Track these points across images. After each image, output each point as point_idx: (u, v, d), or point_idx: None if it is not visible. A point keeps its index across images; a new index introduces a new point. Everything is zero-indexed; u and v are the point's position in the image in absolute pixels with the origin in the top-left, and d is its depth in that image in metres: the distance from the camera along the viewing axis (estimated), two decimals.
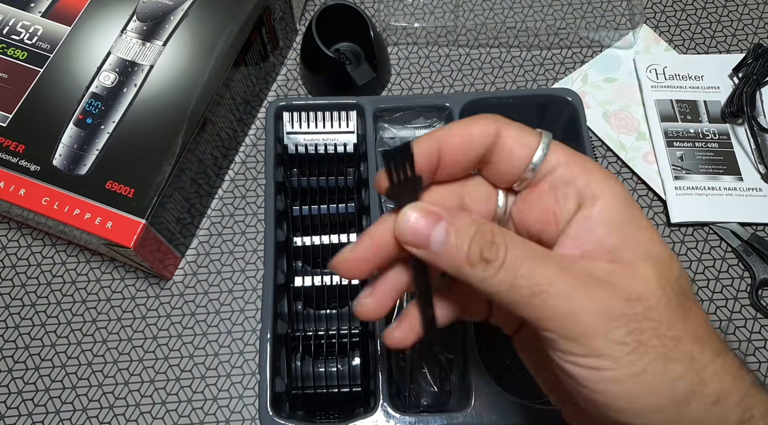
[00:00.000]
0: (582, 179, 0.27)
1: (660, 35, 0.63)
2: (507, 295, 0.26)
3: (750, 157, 0.57)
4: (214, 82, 0.49)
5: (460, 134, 0.28)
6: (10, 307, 0.52)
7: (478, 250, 0.26)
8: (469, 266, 0.26)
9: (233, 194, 0.56)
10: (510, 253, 0.26)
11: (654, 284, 0.26)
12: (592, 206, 0.27)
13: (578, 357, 0.25)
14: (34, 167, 0.46)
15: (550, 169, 0.28)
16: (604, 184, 0.27)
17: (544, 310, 0.25)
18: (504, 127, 0.28)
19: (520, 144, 0.28)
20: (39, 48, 0.50)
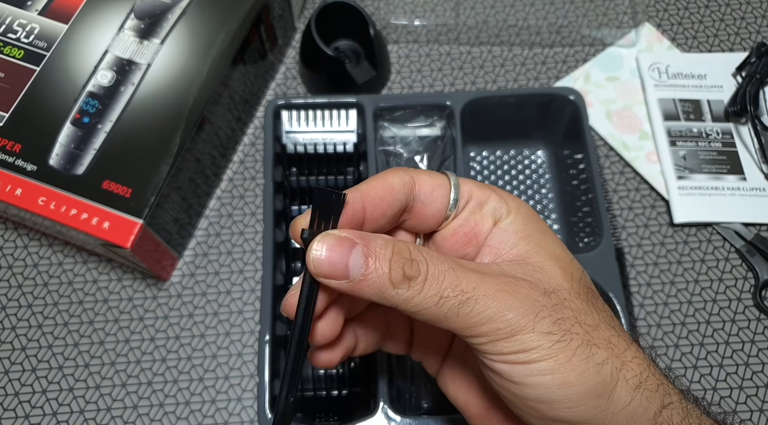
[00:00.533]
0: (494, 198, 0.30)
1: (663, 34, 0.62)
2: (435, 310, 0.26)
3: (753, 156, 0.56)
4: (213, 80, 0.49)
5: (381, 186, 0.29)
6: (6, 308, 0.51)
7: (400, 269, 0.26)
8: (393, 288, 0.26)
9: (232, 193, 0.56)
10: (431, 267, 0.26)
11: (562, 279, 0.28)
12: (505, 219, 0.30)
13: (509, 356, 0.26)
14: (31, 167, 0.46)
15: (467, 198, 0.30)
16: (513, 201, 0.30)
17: (473, 317, 0.26)
18: (416, 174, 0.30)
19: (437, 185, 0.30)
20: (36, 47, 0.49)
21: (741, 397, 0.49)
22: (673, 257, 0.54)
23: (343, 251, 0.26)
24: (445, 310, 0.26)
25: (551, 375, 0.26)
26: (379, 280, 0.26)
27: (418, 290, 0.26)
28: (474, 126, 0.52)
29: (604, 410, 0.26)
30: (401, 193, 0.29)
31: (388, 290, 0.26)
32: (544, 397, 0.26)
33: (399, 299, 0.26)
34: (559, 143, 0.55)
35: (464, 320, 0.26)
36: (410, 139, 0.53)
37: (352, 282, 0.26)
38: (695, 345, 0.51)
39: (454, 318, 0.26)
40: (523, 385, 0.26)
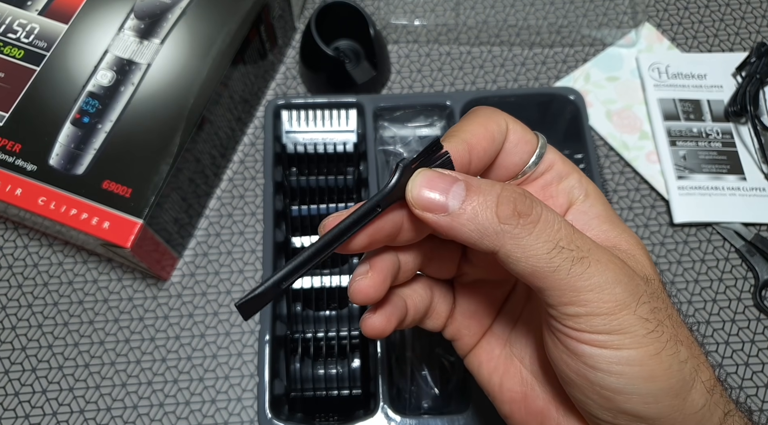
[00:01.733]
0: (575, 177, 0.29)
1: (663, 34, 0.62)
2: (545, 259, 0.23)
3: (753, 156, 0.56)
4: (213, 80, 0.49)
5: (484, 136, 0.27)
6: (6, 308, 0.51)
7: (511, 203, 0.23)
8: (500, 222, 0.23)
9: (231, 193, 0.56)
10: (545, 211, 0.24)
11: (652, 270, 0.27)
12: (585, 201, 0.28)
13: (600, 336, 0.24)
14: (31, 167, 0.46)
15: (547, 166, 0.29)
16: (592, 186, 0.29)
17: (584, 279, 0.23)
18: (510, 120, 0.28)
19: (524, 141, 0.28)
20: (36, 47, 0.49)
21: (741, 397, 0.49)
22: (673, 257, 0.54)
23: (444, 183, 0.24)
24: (557, 263, 0.23)
25: (639, 366, 0.24)
26: (484, 213, 0.23)
27: (529, 230, 0.23)
28: None
29: (677, 410, 0.24)
30: (499, 143, 0.27)
31: (492, 225, 0.23)
32: (624, 389, 0.24)
33: (505, 238, 0.23)
34: (559, 142, 0.55)
35: (573, 280, 0.23)
36: (410, 139, 0.53)
37: (451, 215, 0.23)
38: None
39: (563, 276, 0.23)
40: (605, 372, 0.24)
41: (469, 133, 0.27)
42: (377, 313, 0.29)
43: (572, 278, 0.23)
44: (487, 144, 0.27)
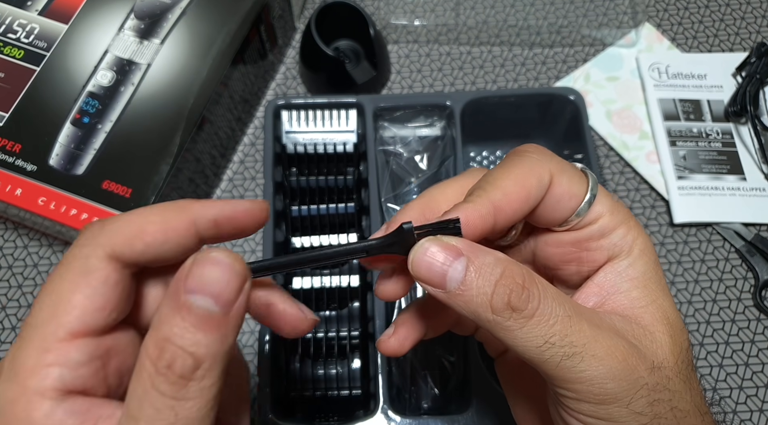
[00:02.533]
0: (619, 233, 0.27)
1: (663, 34, 0.62)
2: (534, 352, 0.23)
3: (753, 156, 0.56)
4: (213, 80, 0.49)
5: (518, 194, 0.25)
6: (6, 308, 0.51)
7: (506, 295, 0.23)
8: (492, 312, 0.23)
9: (232, 194, 0.56)
10: (543, 304, 0.23)
11: (669, 352, 0.25)
12: (623, 260, 0.26)
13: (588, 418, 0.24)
14: (31, 167, 0.46)
15: (592, 219, 0.27)
16: (637, 238, 0.27)
17: (573, 373, 0.23)
18: (557, 174, 0.26)
19: (569, 195, 0.26)
20: (36, 47, 0.49)
21: (741, 397, 0.49)
22: (673, 257, 0.54)
23: (445, 259, 0.23)
24: (546, 357, 0.23)
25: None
26: (477, 300, 0.23)
27: (520, 325, 0.23)
28: (474, 126, 0.52)
29: None
30: (536, 200, 0.26)
31: (484, 314, 0.23)
32: None
33: (496, 327, 0.23)
34: (559, 142, 0.55)
35: (562, 372, 0.23)
36: (410, 139, 0.53)
37: (448, 294, 0.23)
38: (695, 345, 0.51)
39: (552, 367, 0.23)
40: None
41: (501, 191, 0.25)
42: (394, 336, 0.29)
43: (562, 371, 0.23)
44: (519, 205, 0.25)
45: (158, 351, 0.20)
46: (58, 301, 0.22)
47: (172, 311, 0.20)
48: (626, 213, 0.27)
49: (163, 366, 0.20)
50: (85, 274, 0.22)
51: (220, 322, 0.21)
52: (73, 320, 0.21)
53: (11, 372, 0.21)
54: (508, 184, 0.25)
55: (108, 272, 0.22)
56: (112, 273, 0.22)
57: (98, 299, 0.22)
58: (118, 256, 0.22)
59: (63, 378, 0.21)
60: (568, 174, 0.26)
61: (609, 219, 0.27)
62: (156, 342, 0.20)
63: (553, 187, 0.26)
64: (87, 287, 0.22)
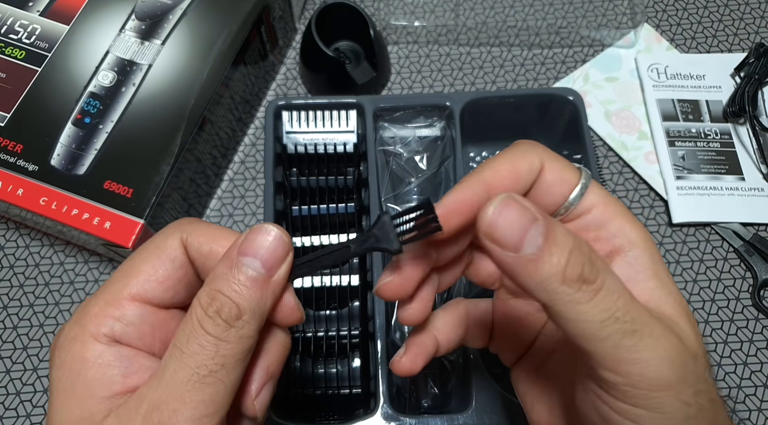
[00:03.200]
0: (615, 224, 0.26)
1: (661, 34, 0.62)
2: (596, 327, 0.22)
3: (752, 157, 0.56)
4: (213, 81, 0.49)
5: (508, 176, 0.25)
6: (8, 308, 0.52)
7: (579, 265, 0.22)
8: (562, 283, 0.22)
9: (232, 194, 0.56)
10: (609, 278, 0.22)
11: (695, 342, 0.25)
12: (629, 251, 0.26)
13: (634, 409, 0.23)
14: (32, 167, 0.46)
15: (586, 209, 0.27)
16: (637, 230, 0.26)
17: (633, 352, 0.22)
18: (548, 161, 0.26)
19: (561, 181, 0.26)
20: (37, 47, 0.50)
21: (740, 396, 0.49)
22: (672, 256, 0.54)
23: (524, 222, 0.22)
24: (608, 332, 0.22)
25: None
26: (552, 269, 0.21)
27: (588, 298, 0.22)
28: (473, 126, 0.53)
29: None
30: (528, 183, 0.26)
31: (553, 284, 0.22)
32: None
33: (561, 298, 0.22)
34: (558, 143, 0.55)
35: (621, 351, 0.22)
36: (410, 139, 0.53)
37: (519, 258, 0.22)
38: None
39: (611, 346, 0.22)
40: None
41: (492, 171, 0.25)
42: (405, 355, 0.30)
43: (620, 350, 0.22)
44: (510, 184, 0.25)
45: (209, 299, 0.24)
46: (131, 266, 0.26)
47: (226, 268, 0.24)
48: (621, 206, 0.27)
49: (213, 311, 0.24)
50: (160, 250, 0.26)
51: (263, 283, 0.24)
52: (136, 284, 0.26)
53: (79, 315, 0.25)
54: (501, 165, 0.26)
55: (178, 253, 0.26)
56: (180, 256, 0.26)
57: (162, 273, 0.26)
58: (188, 246, 0.26)
59: (115, 328, 0.25)
60: (559, 162, 0.27)
61: (603, 210, 0.27)
62: (208, 292, 0.24)
63: (544, 172, 0.26)
64: (156, 259, 0.26)
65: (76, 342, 0.25)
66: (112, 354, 0.25)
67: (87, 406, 0.24)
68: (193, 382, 0.23)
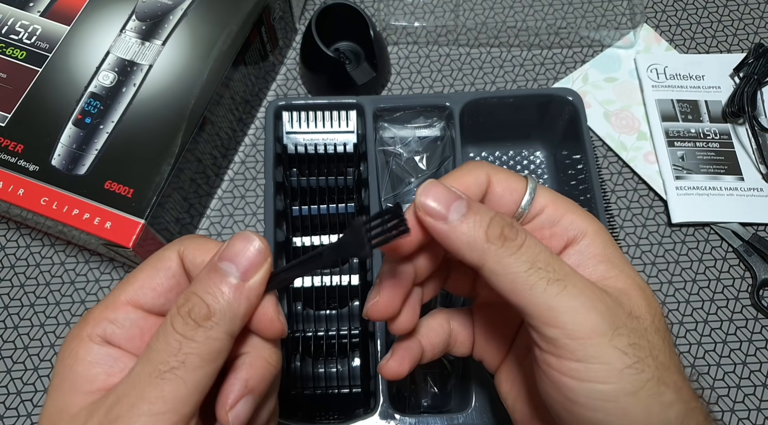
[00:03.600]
0: (567, 218, 0.29)
1: (661, 35, 0.62)
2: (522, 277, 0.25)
3: (751, 157, 0.56)
4: (214, 81, 0.49)
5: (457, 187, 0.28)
6: (9, 307, 0.52)
7: (499, 227, 0.26)
8: (487, 241, 0.25)
9: (232, 194, 0.56)
10: (529, 238, 0.26)
11: (645, 310, 0.27)
12: (581, 240, 0.28)
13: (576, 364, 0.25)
14: (33, 167, 0.46)
15: (538, 210, 0.29)
16: (588, 221, 0.29)
17: (558, 300, 0.25)
18: (493, 174, 0.29)
19: (509, 190, 0.29)
20: (38, 48, 0.50)
21: (739, 396, 0.49)
22: (671, 256, 0.54)
23: (449, 196, 0.26)
24: (534, 280, 0.25)
25: (614, 403, 0.24)
26: (476, 230, 0.25)
27: (511, 252, 0.25)
28: (473, 127, 0.53)
29: None
30: (476, 194, 0.29)
31: (480, 242, 0.25)
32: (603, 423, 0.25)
33: (489, 255, 0.25)
34: (557, 143, 0.55)
35: (548, 299, 0.25)
36: (410, 139, 0.54)
37: (449, 225, 0.25)
38: (693, 344, 0.51)
39: (538, 293, 0.25)
40: (584, 407, 0.25)
41: None
42: (392, 358, 0.31)
43: (548, 297, 0.25)
44: None
45: (184, 300, 0.25)
46: (132, 275, 0.28)
47: (205, 273, 0.26)
48: (570, 202, 0.30)
49: (185, 311, 0.25)
50: (158, 261, 0.28)
51: (237, 288, 0.25)
52: (131, 290, 0.27)
53: (84, 317, 0.27)
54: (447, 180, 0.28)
55: (173, 264, 0.28)
56: (174, 266, 0.28)
57: (156, 281, 0.28)
58: (184, 258, 0.28)
59: (107, 330, 0.27)
60: (504, 174, 0.29)
61: (554, 209, 0.29)
62: (186, 294, 0.26)
63: (492, 185, 0.29)
64: (153, 269, 0.28)
65: (74, 340, 0.27)
66: (101, 353, 0.26)
67: (69, 399, 0.26)
68: (152, 377, 0.24)
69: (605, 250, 0.28)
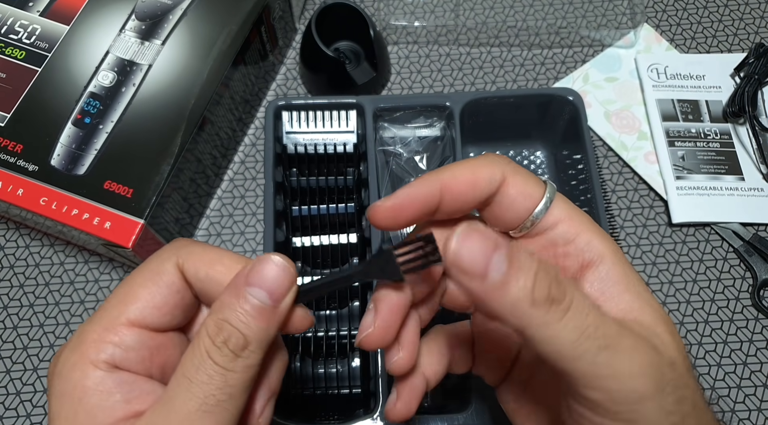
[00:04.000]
0: (583, 238, 0.27)
1: (661, 34, 0.62)
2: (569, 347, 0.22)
3: (752, 157, 0.56)
4: (213, 81, 0.49)
5: (465, 180, 0.26)
6: (8, 308, 0.52)
7: (546, 287, 0.22)
8: (532, 306, 0.22)
9: (232, 194, 0.56)
10: (577, 297, 0.23)
11: (675, 350, 0.25)
12: (599, 265, 0.26)
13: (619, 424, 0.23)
14: (32, 167, 0.46)
15: (552, 224, 0.27)
16: (605, 243, 0.27)
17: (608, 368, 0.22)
18: (511, 174, 0.27)
19: (524, 195, 0.27)
20: (37, 47, 0.50)
21: (739, 396, 0.49)
22: (672, 257, 0.54)
23: (486, 248, 0.22)
24: (582, 351, 0.22)
25: None
26: (520, 292, 0.22)
27: (558, 317, 0.22)
28: (473, 126, 0.53)
29: None
30: (485, 191, 0.26)
31: (523, 308, 0.22)
32: None
33: (533, 322, 0.22)
34: (557, 143, 0.55)
35: (597, 368, 0.22)
36: (410, 139, 0.53)
37: (487, 285, 0.22)
38: (693, 344, 0.51)
39: (587, 363, 0.22)
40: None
41: (450, 174, 0.26)
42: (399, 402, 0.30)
43: (596, 367, 0.22)
44: (465, 189, 0.26)
45: (217, 329, 0.24)
46: (128, 291, 0.26)
47: (233, 298, 0.25)
48: (587, 219, 0.27)
49: (220, 341, 0.24)
50: (156, 275, 0.26)
51: (269, 314, 0.25)
52: (134, 310, 0.26)
53: (77, 342, 0.25)
54: (461, 170, 0.26)
55: (175, 279, 0.26)
56: (177, 281, 0.26)
57: (159, 299, 0.26)
58: (185, 271, 0.26)
59: (114, 355, 0.25)
60: (523, 176, 0.27)
61: (569, 225, 0.27)
62: (216, 321, 0.24)
63: (507, 186, 0.27)
64: (153, 285, 0.26)
65: (75, 369, 0.25)
66: (113, 380, 0.25)
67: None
68: (201, 412, 0.24)
69: (626, 277, 0.26)
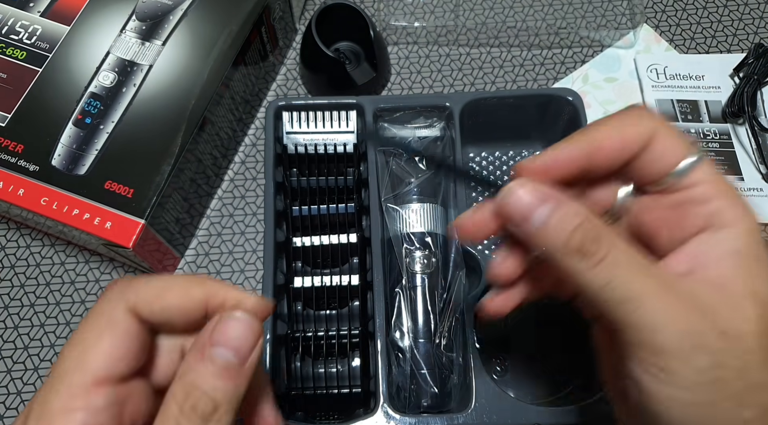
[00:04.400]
0: (718, 203, 0.26)
1: (661, 35, 0.63)
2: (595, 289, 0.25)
3: (751, 157, 0.56)
4: (214, 81, 0.49)
5: (615, 139, 0.27)
6: (9, 307, 0.52)
7: (579, 240, 0.25)
8: (564, 253, 0.25)
9: (233, 194, 0.56)
10: (612, 255, 0.25)
11: (755, 326, 0.25)
12: (720, 230, 0.26)
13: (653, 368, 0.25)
14: (33, 167, 0.46)
15: (692, 183, 0.27)
16: (741, 214, 0.26)
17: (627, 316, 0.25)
18: (662, 131, 0.27)
19: (672, 151, 0.27)
20: (38, 48, 0.50)
21: None
22: None
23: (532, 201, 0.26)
24: (606, 297, 0.25)
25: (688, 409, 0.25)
26: (555, 240, 0.26)
27: (588, 267, 0.25)
28: (473, 127, 0.53)
29: None
30: (633, 152, 0.27)
31: (557, 253, 0.26)
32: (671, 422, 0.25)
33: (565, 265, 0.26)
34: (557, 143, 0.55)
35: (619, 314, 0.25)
36: (410, 139, 0.54)
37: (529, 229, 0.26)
38: None
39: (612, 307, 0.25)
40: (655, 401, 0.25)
41: (600, 135, 0.27)
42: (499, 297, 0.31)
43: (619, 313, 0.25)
44: (615, 151, 0.27)
45: (184, 395, 0.24)
46: (85, 349, 0.24)
47: (198, 360, 0.24)
48: (733, 189, 0.27)
49: (188, 408, 0.23)
50: (110, 326, 0.25)
51: (237, 372, 0.24)
52: (98, 367, 0.24)
53: (41, 413, 0.23)
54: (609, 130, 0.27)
55: (129, 324, 0.25)
56: (132, 326, 0.25)
57: (121, 349, 0.25)
58: (138, 312, 0.25)
59: (86, 422, 0.23)
60: (673, 136, 0.27)
61: (710, 187, 0.26)
62: (183, 386, 0.24)
63: (655, 142, 0.27)
64: (111, 337, 0.25)
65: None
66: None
67: None
68: None
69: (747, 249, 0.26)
